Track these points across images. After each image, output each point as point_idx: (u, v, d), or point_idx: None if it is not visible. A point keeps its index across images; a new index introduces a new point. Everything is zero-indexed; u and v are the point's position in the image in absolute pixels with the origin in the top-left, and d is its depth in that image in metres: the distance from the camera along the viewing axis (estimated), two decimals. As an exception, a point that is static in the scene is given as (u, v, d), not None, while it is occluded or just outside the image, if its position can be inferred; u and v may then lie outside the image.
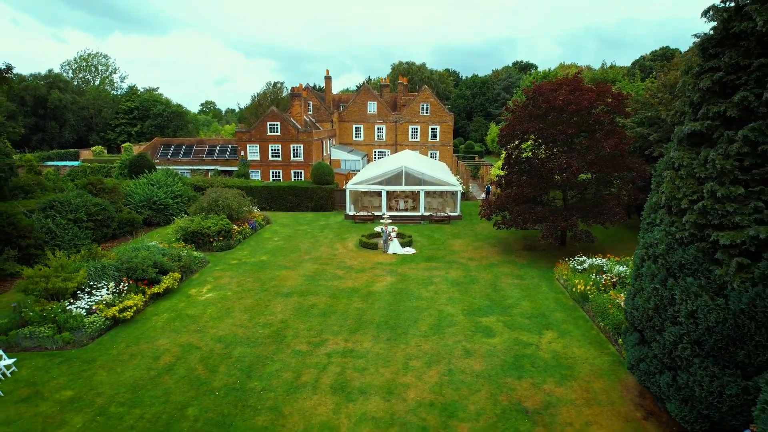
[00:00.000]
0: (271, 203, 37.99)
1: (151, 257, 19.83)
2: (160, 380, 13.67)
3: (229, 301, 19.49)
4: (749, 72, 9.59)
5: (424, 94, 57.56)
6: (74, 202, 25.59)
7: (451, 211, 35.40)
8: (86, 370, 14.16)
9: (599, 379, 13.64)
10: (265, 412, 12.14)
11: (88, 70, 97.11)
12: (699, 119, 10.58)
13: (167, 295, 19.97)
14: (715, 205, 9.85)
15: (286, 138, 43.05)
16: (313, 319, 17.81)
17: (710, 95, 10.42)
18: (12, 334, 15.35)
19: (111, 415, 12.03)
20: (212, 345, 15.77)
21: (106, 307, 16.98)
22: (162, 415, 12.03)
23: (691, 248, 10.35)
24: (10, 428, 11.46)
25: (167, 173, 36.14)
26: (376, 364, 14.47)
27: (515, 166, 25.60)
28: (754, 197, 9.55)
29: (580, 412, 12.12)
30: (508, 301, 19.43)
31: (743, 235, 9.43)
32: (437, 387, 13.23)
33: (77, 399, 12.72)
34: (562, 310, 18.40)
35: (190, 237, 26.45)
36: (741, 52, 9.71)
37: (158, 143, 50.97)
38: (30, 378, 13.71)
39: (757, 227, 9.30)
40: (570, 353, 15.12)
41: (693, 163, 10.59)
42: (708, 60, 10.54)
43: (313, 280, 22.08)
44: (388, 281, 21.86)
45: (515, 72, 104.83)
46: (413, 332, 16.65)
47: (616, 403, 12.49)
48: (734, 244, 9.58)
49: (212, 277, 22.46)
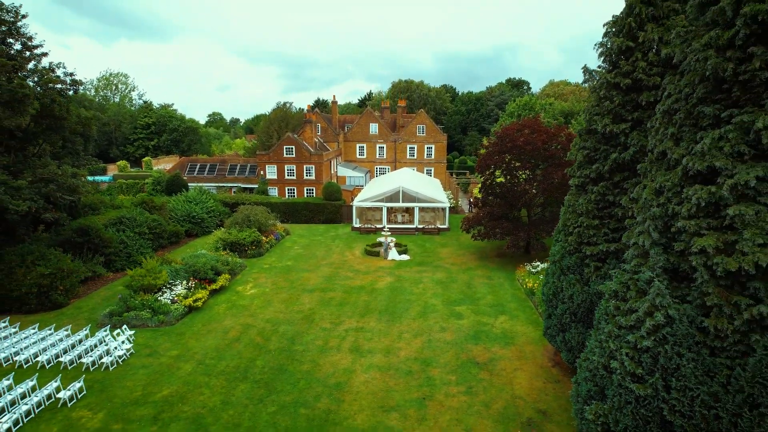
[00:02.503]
0: (289, 217, 44.60)
1: (209, 262, 26.37)
2: (232, 345, 20.17)
3: (269, 296, 26.02)
4: (600, 152, 16.17)
5: (420, 116, 64.33)
6: (138, 219, 32.19)
7: (440, 223, 41.96)
8: (180, 340, 20.68)
9: (530, 344, 20.15)
10: (306, 363, 18.64)
11: (109, 88, 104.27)
12: (578, 177, 17.15)
13: (221, 291, 26.49)
14: (584, 231, 16.41)
15: (300, 159, 49.76)
16: (332, 307, 24.33)
17: (583, 162, 16.99)
18: (125, 315, 21.86)
19: (207, 365, 18.53)
20: (263, 324, 22.29)
21: (183, 299, 23.52)
22: (240, 365, 18.53)
23: (573, 257, 16.90)
24: (148, 370, 17.97)
25: (200, 191, 42.77)
26: (378, 336, 20.96)
27: (489, 189, 32.17)
28: (604, 227, 16.10)
29: (512, 364, 18.60)
30: (477, 295, 25.94)
31: (597, 249, 16.00)
32: (420, 349, 19.73)
33: (181, 355, 19.23)
34: (515, 302, 24.91)
35: (228, 246, 32.97)
36: (595, 140, 16.31)
37: (185, 162, 57.66)
38: (146, 343, 20.22)
39: (605, 244, 15.86)
40: (514, 329, 21.62)
41: (575, 203, 17.15)
42: (583, 141, 17.12)
43: (330, 280, 28.61)
44: (388, 281, 28.37)
45: (508, 89, 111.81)
46: (405, 316, 23.14)
47: (537, 358, 18.99)
48: (593, 254, 16.15)
49: (251, 278, 28.99)
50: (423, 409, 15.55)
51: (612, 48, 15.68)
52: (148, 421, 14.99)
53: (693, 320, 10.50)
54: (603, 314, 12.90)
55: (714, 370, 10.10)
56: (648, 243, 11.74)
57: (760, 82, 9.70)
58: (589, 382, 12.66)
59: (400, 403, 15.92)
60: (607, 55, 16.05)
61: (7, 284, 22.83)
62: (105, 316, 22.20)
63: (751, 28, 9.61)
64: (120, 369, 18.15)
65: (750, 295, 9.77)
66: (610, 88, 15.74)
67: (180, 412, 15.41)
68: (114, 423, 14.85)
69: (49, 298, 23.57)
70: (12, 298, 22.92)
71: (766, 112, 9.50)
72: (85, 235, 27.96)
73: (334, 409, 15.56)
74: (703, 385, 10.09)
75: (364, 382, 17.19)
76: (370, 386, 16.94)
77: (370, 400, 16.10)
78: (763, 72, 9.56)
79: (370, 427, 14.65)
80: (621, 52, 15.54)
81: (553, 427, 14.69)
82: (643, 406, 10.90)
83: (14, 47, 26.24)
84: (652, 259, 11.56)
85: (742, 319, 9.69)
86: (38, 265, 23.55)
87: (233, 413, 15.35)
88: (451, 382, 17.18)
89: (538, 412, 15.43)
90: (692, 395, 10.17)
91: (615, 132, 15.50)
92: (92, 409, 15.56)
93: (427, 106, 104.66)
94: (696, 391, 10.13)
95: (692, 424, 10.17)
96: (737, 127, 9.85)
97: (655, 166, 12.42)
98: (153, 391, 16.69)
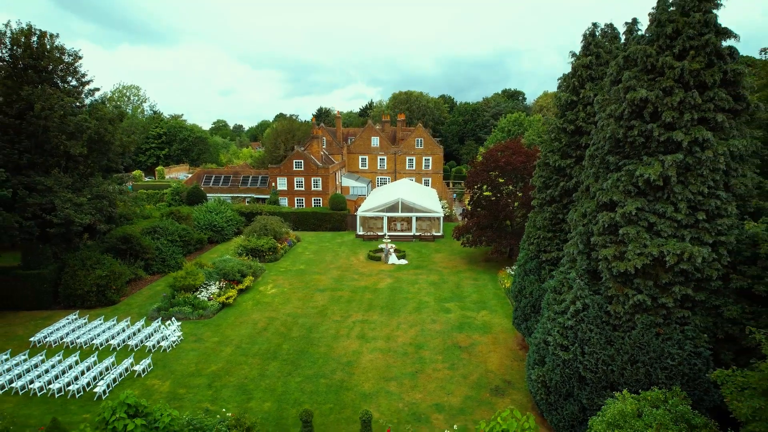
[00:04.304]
0: (299, 225, 49.25)
1: (236, 266, 30.99)
2: (261, 334, 24.76)
3: (287, 294, 30.62)
4: (552, 180, 20.80)
5: (418, 130, 69.11)
6: (170, 228, 36.83)
7: (435, 231, 46.60)
8: (218, 329, 25.26)
9: (503, 333, 24.73)
10: (323, 347, 23.22)
11: (122, 100, 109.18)
12: (537, 198, 21.78)
13: (247, 290, 31.08)
14: (541, 241, 21.03)
15: (308, 172, 54.48)
16: (341, 304, 28.91)
17: (541, 188, 21.61)
18: (170, 310, 26.46)
19: (243, 348, 23.11)
20: (284, 317, 26.87)
21: (217, 297, 28.13)
22: (270, 348, 23.11)
23: (533, 261, 21.51)
24: (197, 352, 22.58)
25: (219, 202, 47.44)
26: (380, 327, 25.54)
27: (477, 202, 36.80)
28: (556, 238, 20.72)
29: (488, 347, 23.18)
30: (464, 294, 30.53)
31: (551, 255, 20.61)
32: (414, 337, 24.31)
33: (221, 342, 23.82)
34: (496, 299, 29.49)
35: (249, 252, 37.57)
36: (549, 171, 20.95)
37: (201, 173, 62.38)
38: (191, 332, 24.81)
39: (556, 252, 20.47)
40: (492, 321, 26.20)
41: (535, 219, 21.77)
42: (540, 171, 21.73)
43: (338, 281, 33.21)
44: (388, 282, 32.97)
45: (504, 100, 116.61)
46: (403, 311, 27.72)
47: (508, 343, 23.57)
48: (548, 259, 20.77)
49: (271, 279, 33.61)
50: (415, 379, 20.13)
51: (561, 100, 20.36)
52: (204, 387, 19.58)
53: (601, 306, 15.11)
54: (546, 304, 17.53)
55: (612, 340, 14.70)
56: (576, 252, 16.37)
57: (639, 143, 14.36)
58: (535, 353, 17.27)
59: (397, 375, 20.50)
60: (558, 105, 20.74)
61: (72, 284, 27.46)
62: (154, 310, 26.81)
63: (632, 108, 14.28)
64: (175, 351, 22.75)
65: (634, 288, 14.38)
66: (559, 132, 20.42)
67: (227, 382, 20.00)
68: (179, 388, 19.44)
69: (105, 296, 28.19)
70: (76, 296, 27.56)
71: (643, 164, 14.14)
72: (127, 243, 32.60)
73: (347, 379, 20.15)
74: (605, 350, 14.69)
75: (370, 361, 21.78)
76: (374, 363, 21.52)
77: (374, 373, 20.68)
78: (640, 137, 14.21)
79: (374, 392, 19.22)
80: (567, 105, 20.23)
81: (514, 391, 19.27)
82: (567, 366, 15.50)
83: (71, 83, 31.00)
84: (578, 264, 16.20)
85: (629, 304, 14.32)
86: (96, 268, 28.18)
87: (269, 382, 19.94)
88: (438, 361, 21.77)
89: (504, 382, 20.02)
90: (597, 357, 14.77)
91: (562, 166, 20.16)
92: (160, 378, 20.16)
93: (425, 116, 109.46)
94: (600, 354, 14.73)
95: (596, 377, 14.77)
96: (627, 173, 14.49)
97: (583, 196, 17.07)
98: (204, 367, 21.29)
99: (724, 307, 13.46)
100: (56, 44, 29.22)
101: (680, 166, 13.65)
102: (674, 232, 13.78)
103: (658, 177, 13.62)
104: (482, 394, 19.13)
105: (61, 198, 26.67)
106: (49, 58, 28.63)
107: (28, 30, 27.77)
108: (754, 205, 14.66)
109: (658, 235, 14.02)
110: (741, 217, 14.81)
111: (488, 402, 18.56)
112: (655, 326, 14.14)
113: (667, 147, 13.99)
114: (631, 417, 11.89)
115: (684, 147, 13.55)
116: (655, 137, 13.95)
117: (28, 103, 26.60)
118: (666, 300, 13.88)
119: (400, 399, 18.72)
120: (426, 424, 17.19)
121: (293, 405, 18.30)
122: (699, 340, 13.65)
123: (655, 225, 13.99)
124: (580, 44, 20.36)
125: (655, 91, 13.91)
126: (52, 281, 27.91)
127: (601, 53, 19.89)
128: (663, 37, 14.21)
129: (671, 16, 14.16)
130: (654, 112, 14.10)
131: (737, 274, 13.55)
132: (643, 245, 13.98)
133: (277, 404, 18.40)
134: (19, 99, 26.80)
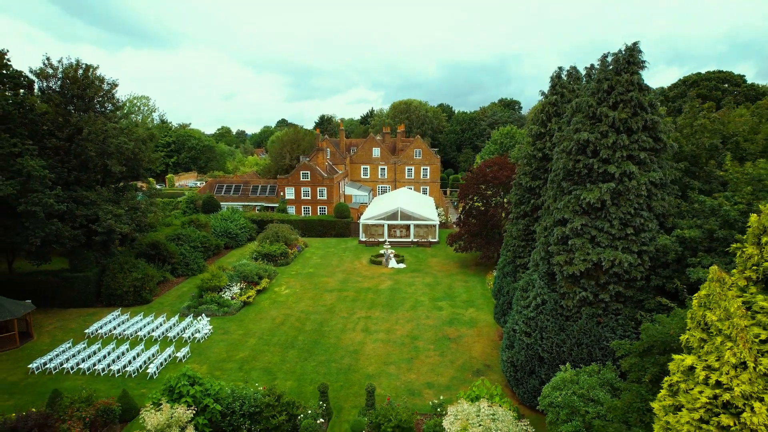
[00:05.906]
0: (306, 231, 53.32)
1: (254, 269, 35.03)
2: (279, 327, 28.78)
3: (299, 295, 34.65)
4: (525, 198, 24.88)
5: (417, 141, 73.29)
6: (192, 236, 40.90)
7: (432, 238, 50.66)
8: (242, 324, 29.29)
9: (487, 327, 28.75)
10: (332, 338, 27.24)
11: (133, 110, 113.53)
12: (513, 213, 25.84)
13: (264, 291, 35.11)
14: (516, 249, 25.09)
15: (315, 182, 58.63)
16: (347, 303, 32.95)
17: (516, 203, 25.66)
18: (199, 308, 30.50)
19: (265, 339, 27.14)
20: (298, 314, 30.90)
21: (239, 296, 32.17)
22: (287, 339, 27.13)
23: (510, 266, 25.56)
24: (226, 342, 26.61)
25: (233, 210, 51.54)
26: (381, 322, 29.56)
27: (468, 212, 40.87)
28: (528, 246, 24.76)
29: (473, 339, 27.19)
30: (455, 294, 34.56)
31: (524, 260, 24.66)
32: (410, 330, 28.32)
33: (246, 334, 27.85)
34: (483, 299, 33.52)
35: (263, 256, 41.59)
36: (522, 190, 25.03)
37: (213, 183, 66.52)
38: (218, 326, 28.84)
39: (528, 257, 24.50)
40: (478, 317, 30.22)
41: (512, 230, 25.83)
42: (516, 189, 25.79)
43: (344, 283, 37.25)
44: (388, 284, 37.00)
45: (500, 109, 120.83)
46: (401, 309, 31.74)
47: (490, 335, 27.59)
48: (521, 264, 24.81)
49: (284, 281, 37.65)
50: (410, 364, 24.15)
51: (532, 131, 24.46)
52: (235, 370, 23.61)
53: (556, 301, 19.13)
54: (515, 300, 21.55)
55: (564, 328, 18.72)
56: (538, 258, 20.42)
57: (584, 174, 18.42)
58: (506, 340, 21.30)
59: (396, 360, 24.52)
60: (530, 135, 24.83)
61: (112, 285, 31.53)
62: (185, 308, 30.86)
63: (578, 146, 18.36)
64: (207, 342, 26.78)
65: (580, 286, 18.41)
66: (530, 158, 24.50)
67: (254, 365, 24.02)
68: (215, 371, 23.47)
69: (141, 296, 32.23)
70: (116, 295, 31.62)
71: (587, 190, 18.20)
72: (155, 249, 36.68)
73: (354, 364, 24.17)
74: (558, 336, 18.71)
75: (372, 349, 25.79)
76: (376, 351, 25.54)
77: (376, 359, 24.69)
78: (584, 169, 18.27)
79: (377, 373, 23.23)
80: (537, 135, 24.32)
81: (492, 372, 23.29)
82: (530, 349, 19.52)
83: (108, 108, 35.17)
84: (539, 268, 20.25)
85: (577, 299, 18.36)
86: (132, 272, 32.24)
87: (289, 366, 23.96)
88: (430, 349, 25.78)
89: (484, 365, 24.03)
90: (552, 341, 18.79)
91: (533, 186, 24.24)
92: (198, 363, 24.19)
93: (424, 126, 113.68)
94: (554, 339, 18.74)
95: (552, 357, 18.79)
96: (575, 197, 18.55)
97: (545, 213, 21.13)
98: (233, 354, 25.32)
99: (646, 301, 17.49)
100: (97, 75, 33.43)
101: (613, 192, 17.69)
102: (610, 242, 17.82)
103: (597, 200, 17.67)
104: (465, 375, 23.15)
105: (104, 210, 30.76)
106: (92, 87, 32.81)
107: (76, 65, 31.96)
108: (670, 222, 18.66)
109: (598, 245, 18.06)
110: (667, 231, 18.82)
111: (470, 381, 22.55)
112: (596, 316, 18.17)
113: (604, 177, 18.05)
114: (569, 382, 15.90)
115: (616, 177, 17.60)
116: (596, 169, 18.01)
117: (77, 128, 30.75)
118: (604, 296, 17.92)
119: (398, 379, 22.73)
120: (419, 397, 21.21)
121: (310, 383, 22.33)
122: (627, 327, 17.69)
123: (596, 237, 18.03)
124: (549, 84, 24.49)
125: (595, 133, 17.99)
126: (95, 282, 32.00)
127: (565, 92, 23.98)
128: (602, 91, 18.32)
129: (607, 75, 18.27)
130: (594, 149, 18.17)
131: (655, 275, 17.60)
132: (587, 253, 18.02)
133: (298, 383, 22.43)
134: (69, 124, 30.96)
